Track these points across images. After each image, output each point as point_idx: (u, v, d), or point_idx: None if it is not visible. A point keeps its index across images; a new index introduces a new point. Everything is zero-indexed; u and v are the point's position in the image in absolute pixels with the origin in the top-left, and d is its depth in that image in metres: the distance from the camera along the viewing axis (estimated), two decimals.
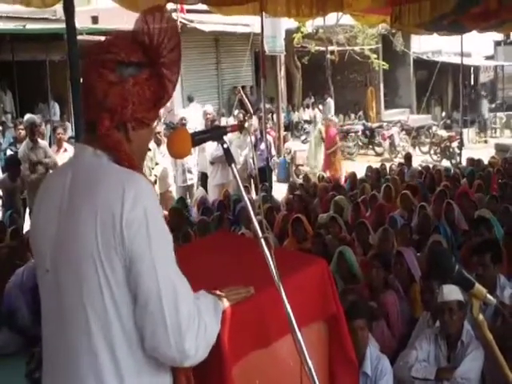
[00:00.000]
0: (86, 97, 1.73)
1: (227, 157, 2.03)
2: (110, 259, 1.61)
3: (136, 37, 1.75)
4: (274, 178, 13.08)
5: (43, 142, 8.95)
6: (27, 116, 11.16)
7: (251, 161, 10.16)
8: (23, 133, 10.85)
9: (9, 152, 8.81)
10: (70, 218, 1.67)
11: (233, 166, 2.04)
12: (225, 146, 2.03)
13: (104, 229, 1.60)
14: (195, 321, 1.69)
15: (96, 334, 1.63)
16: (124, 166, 1.69)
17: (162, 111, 14.99)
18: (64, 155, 8.65)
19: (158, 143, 9.79)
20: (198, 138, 2.01)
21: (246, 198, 2.10)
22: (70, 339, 1.66)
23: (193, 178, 10.00)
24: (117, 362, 1.63)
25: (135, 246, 1.61)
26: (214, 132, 2.07)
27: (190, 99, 15.83)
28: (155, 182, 9.48)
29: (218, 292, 1.96)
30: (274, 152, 12.64)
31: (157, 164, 9.72)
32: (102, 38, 1.84)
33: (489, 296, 2.36)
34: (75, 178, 1.71)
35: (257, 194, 9.34)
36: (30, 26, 12.90)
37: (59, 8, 6.86)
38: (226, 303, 1.95)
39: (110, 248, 1.60)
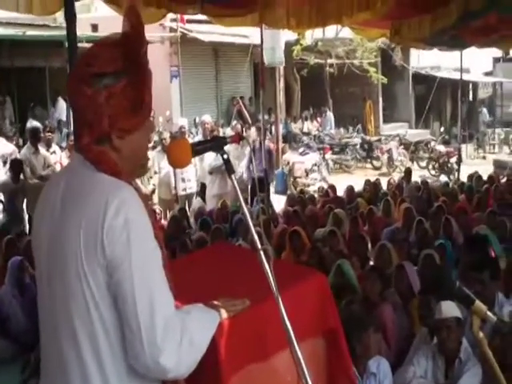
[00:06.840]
0: (71, 110, 1.74)
1: (227, 167, 2.01)
2: (93, 271, 1.60)
3: (120, 40, 1.70)
4: (272, 189, 13.02)
5: (43, 151, 8.92)
6: (30, 123, 11.05)
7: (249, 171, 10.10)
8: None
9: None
10: (60, 229, 1.66)
11: (232, 176, 2.02)
12: (225, 156, 2.02)
13: (87, 240, 1.59)
14: (176, 334, 1.63)
15: (83, 344, 1.62)
16: (109, 175, 1.67)
17: (160, 120, 15.07)
18: None
19: (165, 149, 9.75)
20: (198, 148, 2.00)
21: (245, 209, 2.08)
22: (61, 348, 1.66)
23: (192, 187, 9.97)
24: (103, 371, 1.63)
25: (116, 253, 1.59)
26: (214, 142, 2.06)
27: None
28: (153, 191, 9.44)
29: (215, 302, 1.93)
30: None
31: (156, 173, 9.68)
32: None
33: (489, 313, 2.33)
34: (67, 188, 1.71)
35: (252, 205, 9.29)
36: (30, 32, 12.89)
37: (59, 15, 6.86)
38: (224, 314, 1.92)
39: (94, 260, 1.60)
